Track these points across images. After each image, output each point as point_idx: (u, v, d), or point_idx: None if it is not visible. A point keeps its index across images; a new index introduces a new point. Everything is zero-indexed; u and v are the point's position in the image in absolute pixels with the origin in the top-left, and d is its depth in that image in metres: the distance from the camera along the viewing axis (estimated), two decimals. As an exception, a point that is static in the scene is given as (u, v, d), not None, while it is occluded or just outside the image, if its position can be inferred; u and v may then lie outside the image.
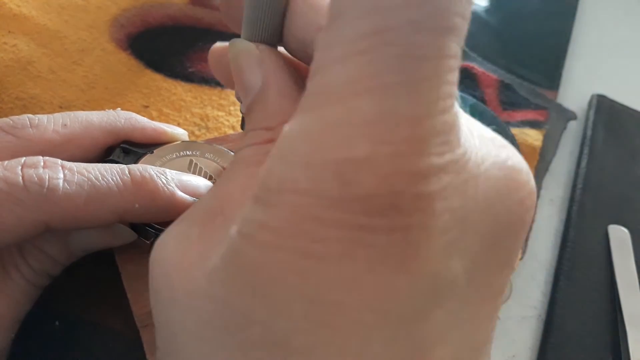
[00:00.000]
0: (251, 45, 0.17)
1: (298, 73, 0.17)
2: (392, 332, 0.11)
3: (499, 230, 0.12)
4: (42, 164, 0.18)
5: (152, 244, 0.22)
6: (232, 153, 0.25)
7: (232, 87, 0.19)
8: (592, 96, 0.46)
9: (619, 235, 0.35)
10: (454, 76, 0.11)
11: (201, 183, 0.21)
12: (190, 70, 0.35)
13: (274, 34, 0.17)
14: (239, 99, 0.17)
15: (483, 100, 0.41)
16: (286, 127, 0.12)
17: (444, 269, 0.11)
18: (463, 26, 0.11)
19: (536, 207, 0.15)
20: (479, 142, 0.12)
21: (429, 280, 0.11)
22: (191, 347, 0.12)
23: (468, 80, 0.43)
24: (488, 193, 0.12)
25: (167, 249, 0.14)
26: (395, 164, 0.10)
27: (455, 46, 0.11)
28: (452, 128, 0.11)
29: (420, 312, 0.11)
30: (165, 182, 0.20)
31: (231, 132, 0.32)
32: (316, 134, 0.11)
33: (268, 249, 0.11)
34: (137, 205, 0.19)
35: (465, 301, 0.12)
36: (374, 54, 0.10)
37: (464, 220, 0.11)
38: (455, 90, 0.11)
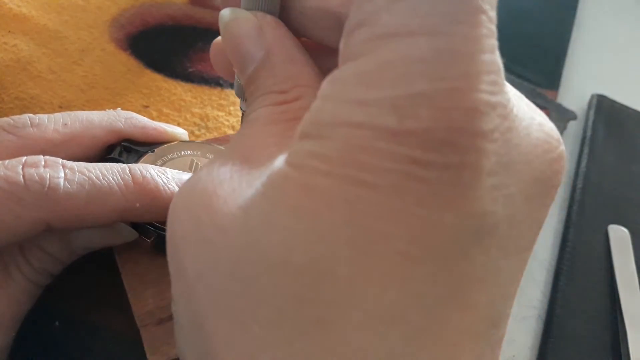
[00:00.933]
0: (249, 14, 0.16)
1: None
2: (434, 268, 0.11)
3: (535, 185, 0.13)
4: (43, 163, 0.18)
5: (153, 242, 0.22)
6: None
7: (233, 79, 0.18)
8: (592, 96, 0.46)
9: (619, 235, 0.35)
10: (493, 17, 0.11)
11: (202, 182, 0.21)
12: (190, 70, 0.35)
13: (272, 6, 0.17)
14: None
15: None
16: (336, 73, 0.12)
17: (489, 212, 0.11)
18: None
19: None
20: (517, 100, 0.13)
21: (474, 221, 0.11)
22: (223, 287, 0.12)
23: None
24: (528, 147, 0.12)
25: (193, 193, 0.14)
26: (453, 100, 0.11)
27: None
28: (499, 69, 0.11)
29: (462, 251, 0.11)
30: (165, 181, 0.20)
31: (231, 132, 0.32)
32: (372, 73, 0.11)
33: (317, 174, 0.11)
34: (138, 205, 0.19)
35: (501, 249, 0.12)
36: None
37: (507, 167, 0.12)
38: (495, 31, 0.11)
